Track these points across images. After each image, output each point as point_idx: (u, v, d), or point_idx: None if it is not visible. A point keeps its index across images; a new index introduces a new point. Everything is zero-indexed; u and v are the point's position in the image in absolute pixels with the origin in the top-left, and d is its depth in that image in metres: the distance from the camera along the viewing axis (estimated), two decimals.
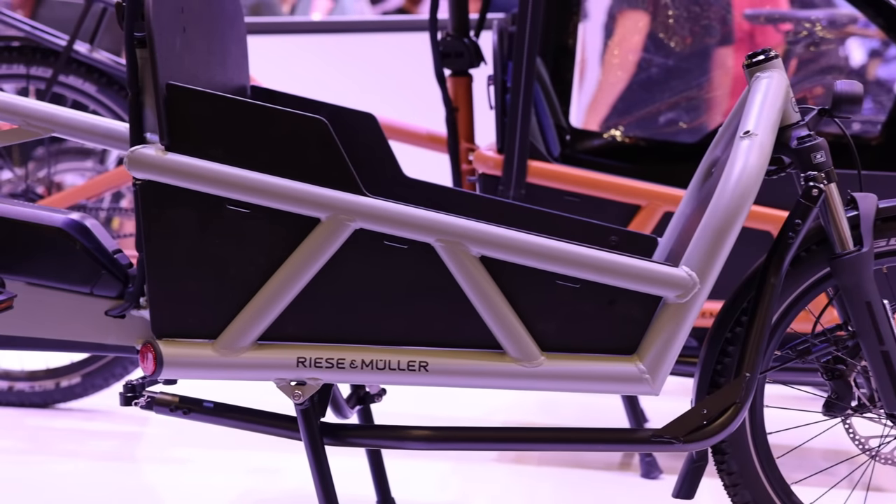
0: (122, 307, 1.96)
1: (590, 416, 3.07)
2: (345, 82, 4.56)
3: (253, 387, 1.93)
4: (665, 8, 3.35)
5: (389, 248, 1.83)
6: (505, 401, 3.15)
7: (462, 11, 2.99)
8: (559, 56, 3.08)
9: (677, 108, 3.39)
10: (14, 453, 2.74)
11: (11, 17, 3.00)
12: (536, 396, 3.07)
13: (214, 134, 1.83)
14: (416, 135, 3.18)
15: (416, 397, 2.41)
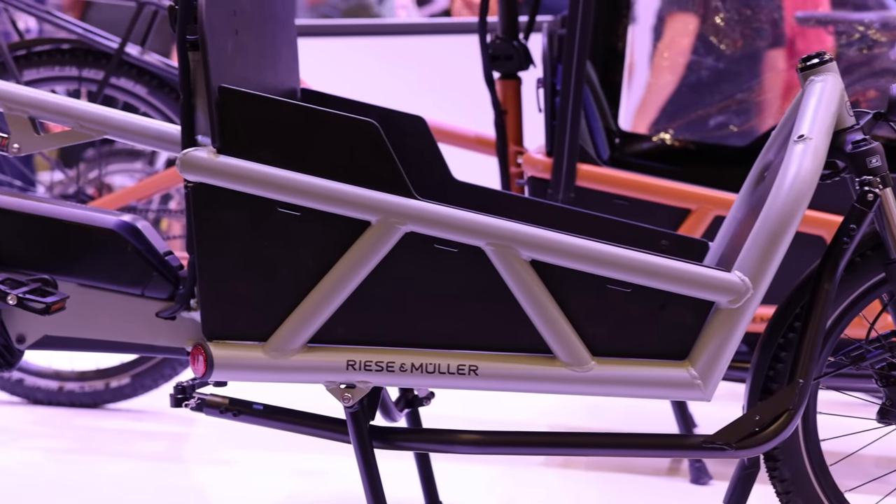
0: (172, 309, 1.97)
1: (636, 420, 3.06)
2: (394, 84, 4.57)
3: (296, 389, 1.93)
4: (715, 10, 3.32)
5: (439, 251, 1.83)
6: (551, 404, 3.14)
7: (512, 14, 2.99)
8: (608, 58, 3.07)
9: (727, 111, 3.36)
10: (64, 453, 2.75)
11: (65, 19, 3.02)
12: (583, 400, 3.05)
13: (266, 136, 1.83)
14: (464, 137, 3.18)
15: (462, 400, 2.41)
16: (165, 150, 2.12)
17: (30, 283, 1.97)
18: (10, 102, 2.06)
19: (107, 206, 3.07)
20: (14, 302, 1.93)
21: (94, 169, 3.54)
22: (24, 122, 2.07)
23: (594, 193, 2.67)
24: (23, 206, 2.01)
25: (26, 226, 2.00)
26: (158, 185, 3.18)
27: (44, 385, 3.09)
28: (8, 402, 3.11)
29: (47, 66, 2.98)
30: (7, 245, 2.01)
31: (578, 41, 2.60)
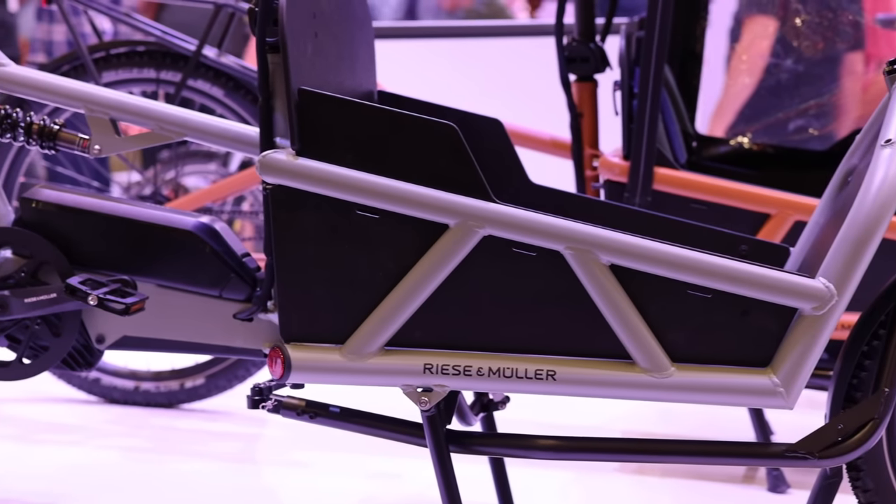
0: (249, 311, 1.98)
1: (708, 426, 3.02)
2: (468, 87, 4.56)
3: (367, 391, 1.92)
4: (794, 13, 3.28)
5: (518, 255, 1.82)
6: (623, 409, 3.11)
7: (588, 16, 2.96)
8: (686, 61, 3.04)
9: (806, 114, 3.32)
10: (140, 452, 2.78)
11: (144, 22, 3.04)
12: (655, 405, 3.03)
13: (345, 139, 1.83)
14: (539, 140, 3.16)
15: (532, 404, 2.39)
16: (244, 152, 2.13)
17: (110, 284, 1.99)
18: (91, 104, 2.08)
19: (183, 208, 3.09)
20: (95, 302, 1.95)
21: (170, 170, 3.56)
22: (104, 123, 2.08)
23: (671, 197, 2.64)
24: (103, 207, 2.03)
25: (107, 227, 2.02)
26: (234, 186, 3.19)
27: (120, 384, 3.11)
28: (85, 400, 3.14)
29: (125, 68, 3.00)
30: (88, 246, 2.03)
31: (657, 43, 2.58)
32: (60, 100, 2.09)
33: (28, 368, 2.06)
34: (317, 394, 1.98)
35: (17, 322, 2.04)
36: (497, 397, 2.13)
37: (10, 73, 2.10)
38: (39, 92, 2.09)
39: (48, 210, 2.04)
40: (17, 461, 2.67)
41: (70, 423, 2.98)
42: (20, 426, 2.93)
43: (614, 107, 2.84)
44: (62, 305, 1.99)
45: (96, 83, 2.92)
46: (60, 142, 2.11)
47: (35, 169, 4.56)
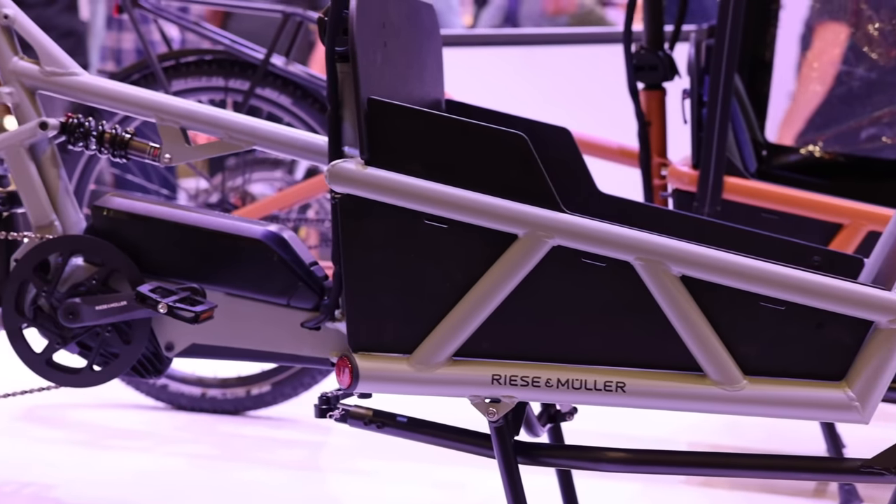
0: (317, 319, 1.98)
1: (776, 438, 2.98)
2: (535, 95, 4.55)
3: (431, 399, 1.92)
4: (867, 19, 3.23)
5: (587, 265, 1.80)
6: (688, 420, 3.08)
7: (657, 24, 2.94)
8: (756, 69, 3.00)
9: (879, 122, 3.27)
10: (206, 459, 2.79)
11: (213, 31, 3.06)
12: (721, 416, 2.99)
13: (414, 148, 1.82)
14: (606, 149, 3.14)
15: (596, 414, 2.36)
16: (313, 161, 2.13)
17: (179, 292, 2.00)
18: (162, 113, 2.09)
19: (251, 216, 3.11)
20: (164, 310, 1.96)
21: (237, 177, 3.58)
22: (175, 132, 2.10)
23: (741, 207, 2.61)
24: (173, 215, 2.05)
25: (177, 235, 2.03)
26: (301, 194, 3.21)
27: (187, 391, 3.13)
28: (153, 407, 3.17)
29: (194, 77, 3.02)
30: (158, 254, 2.04)
31: (727, 51, 2.55)
32: (132, 109, 2.11)
33: (98, 375, 2.08)
34: (381, 401, 1.98)
35: (88, 329, 2.05)
36: (564, 408, 2.11)
37: (82, 83, 2.12)
38: (112, 101, 2.11)
39: (119, 218, 2.06)
40: (86, 467, 2.69)
41: (138, 429, 3.00)
42: (89, 432, 2.96)
43: (683, 115, 2.81)
44: (132, 313, 2.00)
45: (166, 92, 2.94)
46: (131, 150, 2.13)
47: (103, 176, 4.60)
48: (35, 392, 2.16)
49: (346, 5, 1.83)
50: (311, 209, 3.98)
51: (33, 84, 2.13)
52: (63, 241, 2.07)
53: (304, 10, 3.19)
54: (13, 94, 2.12)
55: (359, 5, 1.80)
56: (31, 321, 2.08)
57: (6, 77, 2.13)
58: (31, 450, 2.81)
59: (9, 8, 2.13)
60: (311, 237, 4.67)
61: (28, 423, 3.02)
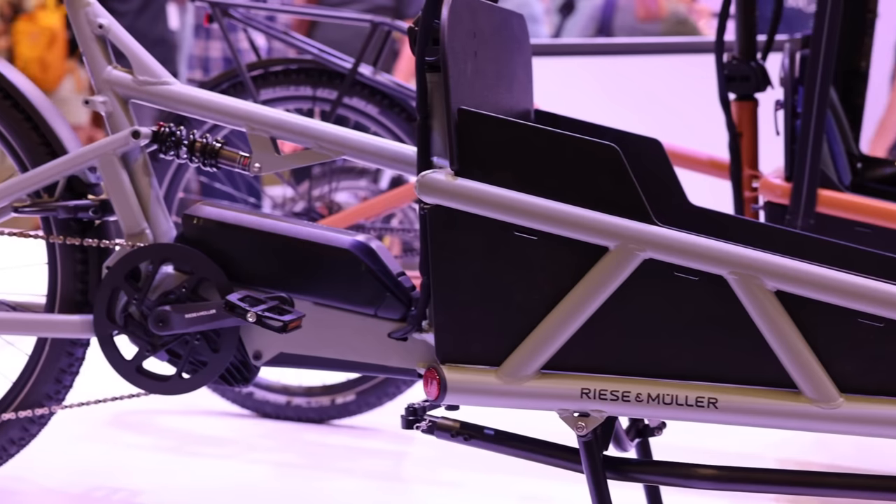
0: (404, 330, 1.97)
1: (867, 454, 2.92)
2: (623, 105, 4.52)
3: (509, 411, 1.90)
4: None
5: (679, 279, 1.77)
6: (777, 436, 3.02)
7: (749, 34, 2.90)
8: (850, 79, 2.95)
9: None
10: (291, 467, 2.79)
11: (301, 40, 3.07)
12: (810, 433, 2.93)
13: (504, 159, 1.81)
14: (697, 160, 3.11)
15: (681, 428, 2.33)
16: (400, 171, 2.13)
17: (268, 301, 2.01)
18: (253, 122, 2.10)
19: (337, 225, 3.11)
20: (253, 319, 1.96)
21: (323, 186, 3.59)
22: (265, 141, 2.10)
23: (835, 220, 2.56)
24: (262, 224, 2.05)
25: (266, 244, 2.04)
26: (388, 203, 3.21)
27: (272, 399, 3.15)
28: (238, 414, 3.18)
29: (283, 86, 3.03)
30: (247, 263, 2.05)
31: (823, 62, 2.51)
32: (223, 118, 2.12)
33: (187, 383, 2.09)
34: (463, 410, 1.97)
35: (177, 337, 2.07)
36: (653, 423, 2.08)
37: (175, 92, 2.14)
38: (203, 110, 2.12)
39: (209, 227, 2.07)
40: (173, 473, 2.71)
41: (224, 436, 3.02)
42: (176, 438, 2.98)
43: (775, 126, 2.77)
44: (221, 321, 2.01)
45: (255, 101, 2.96)
46: (222, 160, 2.14)
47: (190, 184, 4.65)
48: (125, 399, 2.17)
49: (437, 15, 1.82)
50: (395, 218, 3.98)
51: (126, 93, 2.15)
52: (154, 250, 2.09)
53: (391, 19, 3.19)
54: (107, 103, 2.14)
55: (450, 15, 1.79)
56: (122, 328, 2.10)
57: (100, 86, 2.15)
58: (119, 456, 2.83)
59: (103, 18, 2.16)
60: (394, 246, 4.67)
61: (117, 428, 3.05)
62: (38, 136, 2.21)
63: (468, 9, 1.87)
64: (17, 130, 2.21)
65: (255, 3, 3.19)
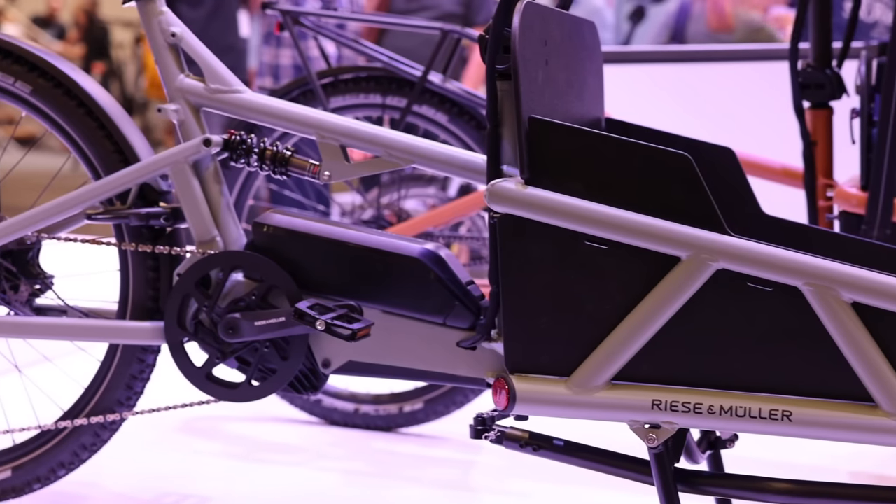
0: (473, 339, 1.96)
1: None
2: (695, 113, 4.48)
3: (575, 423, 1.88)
4: None
5: (752, 290, 1.75)
6: (850, 449, 2.97)
7: (825, 41, 2.86)
8: None
9: None
10: (359, 475, 2.79)
11: (371, 48, 3.08)
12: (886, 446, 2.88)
13: (575, 168, 1.80)
14: (770, 169, 3.07)
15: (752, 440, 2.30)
16: (469, 180, 2.12)
17: (337, 310, 2.01)
18: (323, 130, 2.10)
19: (405, 233, 3.11)
20: (322, 327, 1.96)
21: (391, 193, 3.60)
22: (335, 149, 2.10)
23: None
24: (332, 232, 2.05)
25: (335, 252, 2.04)
26: (456, 212, 3.20)
27: (340, 406, 3.15)
28: (306, 421, 3.19)
29: (353, 94, 3.04)
30: (316, 271, 2.05)
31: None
32: (294, 126, 2.12)
33: (256, 390, 2.09)
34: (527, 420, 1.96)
35: (247, 344, 2.07)
36: (725, 435, 2.05)
37: (246, 100, 2.15)
38: (274, 118, 2.13)
39: (279, 235, 2.07)
40: (241, 480, 2.72)
41: (292, 443, 3.03)
42: (244, 445, 2.99)
43: (851, 135, 2.73)
44: (290, 329, 2.01)
45: (325, 108, 2.96)
46: (292, 167, 2.14)
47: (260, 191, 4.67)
48: (195, 405, 2.18)
49: (507, 23, 1.81)
50: (463, 226, 3.97)
51: (198, 101, 2.16)
52: (224, 257, 2.09)
53: (461, 27, 3.19)
54: (179, 111, 2.15)
55: (521, 23, 1.78)
56: (193, 335, 2.11)
57: (172, 94, 2.16)
58: (189, 462, 2.85)
59: (176, 26, 2.17)
60: (462, 254, 4.66)
61: (186, 435, 3.07)
62: (112, 143, 2.23)
63: (539, 16, 1.86)
64: (91, 138, 2.23)
65: (326, 11, 3.20)
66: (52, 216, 2.19)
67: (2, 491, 2.35)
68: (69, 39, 15.62)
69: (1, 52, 2.26)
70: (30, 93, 2.25)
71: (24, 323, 2.23)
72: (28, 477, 2.34)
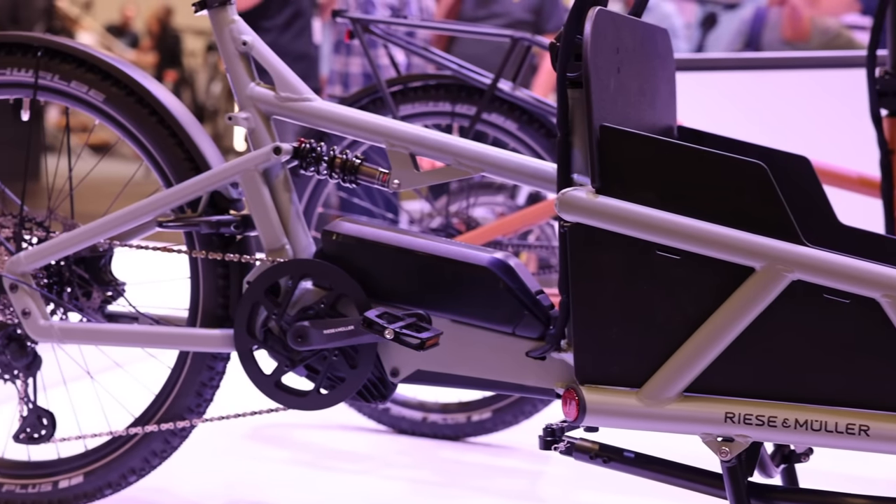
0: (542, 349, 1.95)
1: None
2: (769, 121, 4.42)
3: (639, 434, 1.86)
4: None
5: (829, 301, 1.71)
6: None
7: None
8: None
9: None
10: (427, 484, 2.78)
11: (441, 55, 3.07)
12: None
13: (647, 177, 1.77)
14: (846, 178, 3.01)
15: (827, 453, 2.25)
16: (539, 188, 2.10)
17: (406, 318, 2.00)
18: (392, 139, 2.09)
19: (474, 241, 3.10)
20: (391, 336, 1.95)
21: (460, 202, 3.59)
22: (404, 158, 2.10)
23: None
24: (401, 241, 2.04)
25: (404, 261, 2.03)
26: (525, 220, 3.18)
27: (408, 415, 3.14)
28: (374, 430, 3.19)
29: (422, 102, 3.03)
30: (385, 279, 2.04)
31: None
32: (363, 134, 2.12)
33: (325, 399, 2.09)
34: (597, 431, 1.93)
35: (316, 353, 2.07)
36: (799, 449, 2.02)
37: (316, 108, 2.15)
38: (344, 126, 2.13)
39: (348, 243, 2.07)
40: (309, 488, 2.72)
41: (360, 451, 3.02)
42: (312, 452, 3.00)
43: None
44: (359, 338, 2.01)
45: (394, 116, 2.96)
46: (361, 176, 2.14)
47: (329, 199, 4.69)
48: (263, 413, 2.19)
49: (579, 30, 1.80)
50: (532, 234, 3.95)
51: (268, 109, 2.17)
52: (294, 265, 2.09)
53: (531, 34, 3.17)
54: (249, 119, 2.16)
55: (593, 31, 1.76)
56: (262, 343, 2.11)
57: (243, 102, 2.17)
58: (258, 469, 2.85)
59: (247, 34, 2.18)
60: (530, 263, 4.64)
61: (255, 442, 3.08)
62: (183, 151, 2.24)
63: (611, 24, 1.84)
64: (163, 146, 2.24)
65: (396, 20, 3.20)
66: (124, 224, 2.21)
67: (74, 496, 2.37)
68: (142, 48, 15.81)
69: (75, 61, 2.28)
70: (103, 101, 2.27)
71: (96, 329, 2.25)
72: (100, 482, 2.36)
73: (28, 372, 2.31)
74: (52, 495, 2.37)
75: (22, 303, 2.26)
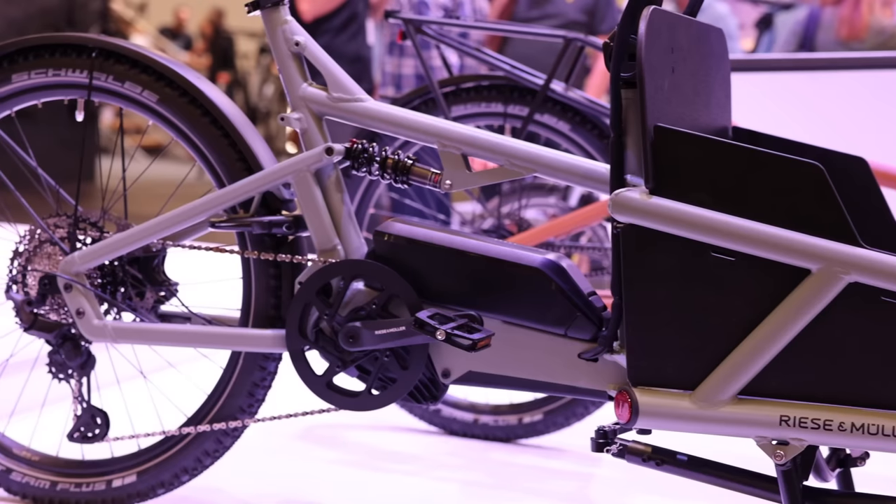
0: (595, 351, 1.93)
1: None
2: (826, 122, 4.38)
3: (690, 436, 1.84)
4: None
5: (886, 304, 1.69)
6: None
7: None
8: None
9: None
10: (479, 486, 2.78)
11: (493, 56, 3.06)
12: None
13: (701, 178, 1.76)
14: None
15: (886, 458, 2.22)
16: (591, 189, 2.09)
17: (457, 319, 2.00)
18: (444, 139, 2.09)
19: (526, 242, 3.09)
20: (442, 337, 1.95)
21: (512, 203, 3.57)
22: (456, 158, 2.09)
23: None
24: (452, 242, 2.04)
25: (456, 262, 2.02)
26: (578, 221, 3.16)
27: (460, 416, 3.14)
28: (425, 431, 3.19)
29: (474, 103, 3.03)
30: (437, 280, 2.04)
31: None
32: (416, 135, 2.11)
33: (376, 399, 2.09)
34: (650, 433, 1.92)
35: (367, 353, 2.07)
36: (856, 453, 1.99)
37: (368, 109, 2.15)
38: (396, 127, 2.12)
39: (400, 244, 2.06)
40: (360, 488, 2.72)
41: (411, 452, 3.02)
42: (364, 453, 3.00)
43: None
44: (411, 339, 2.01)
45: (446, 117, 2.96)
46: (413, 176, 2.13)
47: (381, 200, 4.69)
48: (315, 413, 2.19)
49: (633, 30, 1.78)
50: (584, 236, 3.93)
51: (321, 110, 2.17)
52: (345, 266, 2.10)
53: (584, 34, 3.16)
54: (301, 120, 2.16)
55: (648, 30, 1.75)
56: (314, 343, 2.11)
57: (295, 103, 2.17)
58: (309, 469, 2.86)
59: (300, 35, 2.18)
60: (583, 264, 4.62)
61: (307, 442, 3.08)
62: (235, 152, 2.25)
63: (666, 23, 1.83)
64: (216, 147, 2.25)
65: (448, 20, 3.19)
66: (176, 224, 2.22)
67: (127, 495, 2.38)
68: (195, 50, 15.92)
69: (129, 62, 2.30)
70: (156, 102, 2.28)
71: (149, 329, 2.26)
72: (153, 482, 2.37)
73: (82, 371, 2.33)
74: (106, 494, 2.39)
75: (76, 302, 2.27)
